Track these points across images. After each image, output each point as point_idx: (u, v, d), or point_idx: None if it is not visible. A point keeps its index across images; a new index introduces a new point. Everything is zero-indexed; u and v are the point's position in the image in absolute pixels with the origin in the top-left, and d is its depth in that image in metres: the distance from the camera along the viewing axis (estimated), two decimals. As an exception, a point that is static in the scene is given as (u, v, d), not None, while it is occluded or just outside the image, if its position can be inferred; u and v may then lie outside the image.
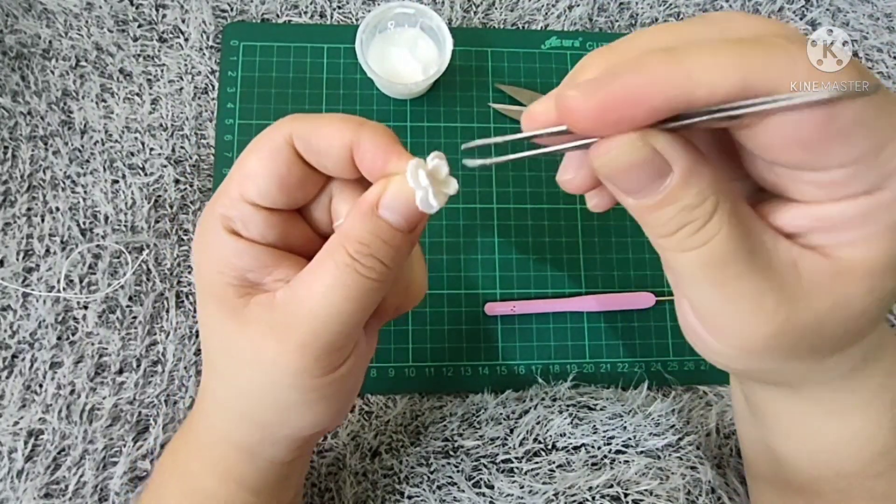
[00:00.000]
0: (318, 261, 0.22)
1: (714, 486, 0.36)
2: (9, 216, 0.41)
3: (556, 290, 0.44)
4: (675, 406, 0.39)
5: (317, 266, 0.22)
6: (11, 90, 0.43)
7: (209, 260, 0.23)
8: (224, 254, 0.23)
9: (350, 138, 0.22)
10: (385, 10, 0.43)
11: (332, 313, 0.21)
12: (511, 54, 0.48)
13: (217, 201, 0.23)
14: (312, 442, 0.29)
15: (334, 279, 0.21)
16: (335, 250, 0.21)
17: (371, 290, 0.22)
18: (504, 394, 0.41)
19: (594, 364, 0.43)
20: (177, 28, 0.46)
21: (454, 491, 0.35)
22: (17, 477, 0.37)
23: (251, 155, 0.23)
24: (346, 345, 0.23)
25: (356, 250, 0.21)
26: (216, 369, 0.25)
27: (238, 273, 0.23)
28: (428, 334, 0.42)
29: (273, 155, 0.22)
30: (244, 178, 0.22)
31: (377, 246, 0.21)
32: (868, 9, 0.52)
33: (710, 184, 0.18)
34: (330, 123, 0.22)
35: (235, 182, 0.23)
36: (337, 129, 0.22)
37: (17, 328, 0.40)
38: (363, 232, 0.21)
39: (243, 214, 0.23)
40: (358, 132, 0.22)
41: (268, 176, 0.22)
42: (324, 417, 0.25)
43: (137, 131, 0.44)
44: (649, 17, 0.50)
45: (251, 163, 0.22)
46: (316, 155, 0.22)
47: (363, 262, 0.21)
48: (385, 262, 0.22)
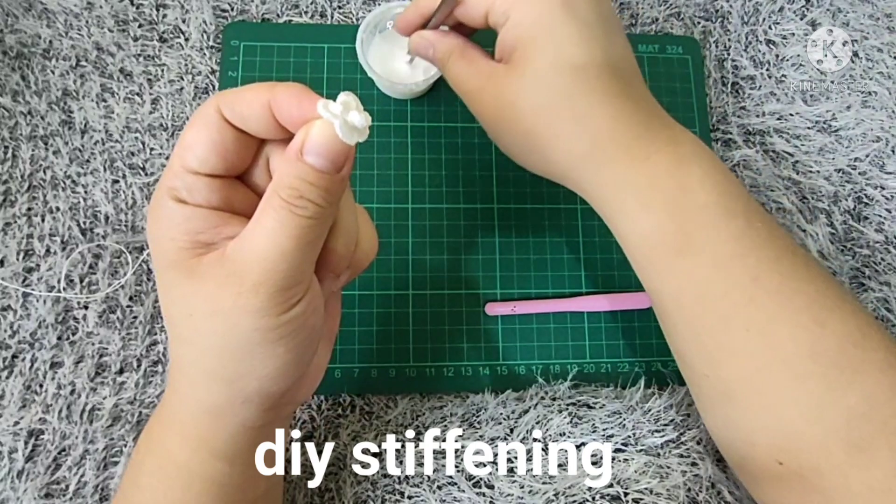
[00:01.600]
0: (258, 211, 0.24)
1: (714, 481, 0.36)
2: (9, 216, 0.41)
3: (557, 290, 0.44)
4: (674, 401, 0.39)
5: (258, 216, 0.24)
6: (11, 90, 0.43)
7: (160, 229, 0.25)
8: (174, 221, 0.24)
9: (266, 97, 0.24)
10: (385, 10, 0.43)
11: (278, 252, 0.23)
12: (511, 54, 0.48)
13: (164, 176, 0.25)
14: (285, 411, 0.30)
15: (274, 222, 0.23)
16: (271, 197, 0.24)
17: (309, 228, 0.24)
18: (504, 394, 0.41)
19: (594, 364, 0.43)
20: (177, 28, 0.46)
21: (454, 491, 0.35)
22: (18, 477, 0.37)
23: (187, 129, 0.25)
24: (298, 282, 0.25)
25: (288, 195, 0.23)
26: (180, 335, 0.26)
27: (190, 236, 0.24)
28: (428, 334, 0.43)
29: (206, 124, 0.24)
30: (183, 149, 0.25)
31: (305, 188, 0.23)
32: (868, 9, 0.52)
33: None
34: (249, 88, 0.24)
35: (177, 155, 0.25)
36: (254, 92, 0.24)
37: (17, 328, 0.40)
38: (291, 177, 0.23)
39: (187, 183, 0.24)
40: (272, 90, 0.24)
41: (203, 143, 0.24)
42: (285, 363, 0.26)
43: (138, 131, 0.44)
44: (649, 17, 0.50)
45: (188, 135, 0.25)
46: (241, 118, 0.24)
47: (296, 204, 0.23)
48: (316, 201, 0.24)
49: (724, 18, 0.51)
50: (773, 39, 0.51)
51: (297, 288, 0.25)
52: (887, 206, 0.47)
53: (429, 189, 0.45)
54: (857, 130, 0.49)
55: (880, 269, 0.46)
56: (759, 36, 0.51)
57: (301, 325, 0.25)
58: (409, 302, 0.43)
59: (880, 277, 0.46)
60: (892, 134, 0.49)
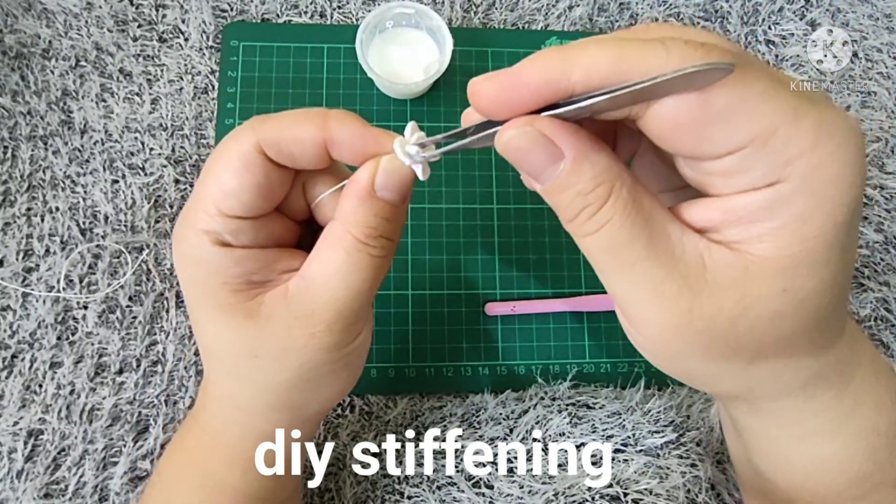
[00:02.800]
0: (326, 248, 0.23)
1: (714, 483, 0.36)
2: (9, 216, 0.41)
3: (556, 290, 0.44)
4: (674, 402, 0.39)
5: (326, 253, 0.23)
6: (11, 90, 0.43)
7: (207, 274, 0.23)
8: (222, 265, 0.23)
9: (320, 136, 0.22)
10: (385, 10, 0.43)
11: (352, 293, 0.23)
12: (511, 54, 0.48)
13: (194, 217, 0.23)
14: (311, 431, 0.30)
15: (348, 264, 0.22)
16: (343, 237, 0.23)
17: (382, 266, 0.23)
18: (504, 394, 0.41)
19: (594, 364, 0.43)
20: (177, 28, 0.46)
21: (454, 491, 0.35)
22: (17, 477, 0.37)
23: (223, 171, 0.22)
24: (364, 316, 0.25)
25: (365, 234, 0.22)
26: (234, 374, 0.25)
27: (243, 278, 0.23)
28: (428, 334, 0.42)
29: (247, 167, 0.22)
30: (221, 194, 0.22)
31: (383, 226, 0.23)
32: (868, 9, 0.52)
33: (605, 170, 0.18)
34: (296, 125, 0.22)
35: (211, 198, 0.23)
36: (304, 130, 0.22)
37: (16, 328, 0.40)
38: (368, 216, 0.22)
39: (230, 228, 0.23)
40: (326, 128, 0.22)
41: (247, 189, 0.22)
42: (346, 384, 0.27)
43: (137, 131, 0.44)
44: (649, 17, 0.50)
45: (225, 178, 0.22)
46: (290, 158, 0.23)
47: (374, 244, 0.23)
48: (391, 237, 0.23)
49: (723, 18, 0.51)
50: (772, 40, 0.51)
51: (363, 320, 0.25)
52: (887, 206, 0.47)
53: (428, 189, 0.45)
54: (856, 130, 0.49)
55: (879, 269, 0.46)
56: (758, 36, 0.51)
57: (362, 349, 0.26)
58: (408, 302, 0.43)
59: (879, 277, 0.46)
60: (892, 134, 0.49)
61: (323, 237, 0.23)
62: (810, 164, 0.17)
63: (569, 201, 0.19)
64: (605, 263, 0.20)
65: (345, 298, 0.23)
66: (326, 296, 0.23)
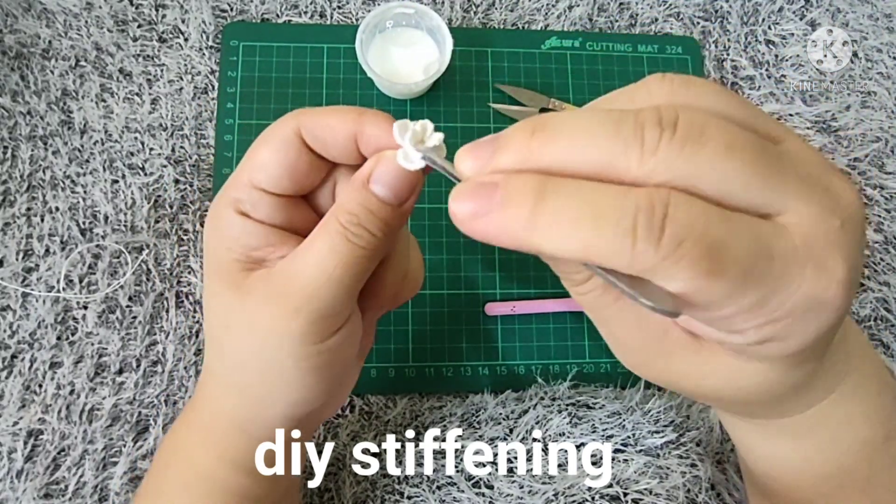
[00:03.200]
0: (313, 234, 0.24)
1: (714, 483, 0.36)
2: (8, 216, 0.41)
3: (556, 290, 0.44)
4: (674, 402, 0.39)
5: (311, 238, 0.24)
6: (11, 90, 0.43)
7: (219, 238, 0.25)
8: (233, 232, 0.24)
9: (353, 129, 0.23)
10: (385, 10, 0.43)
11: (324, 278, 0.23)
12: (511, 54, 0.48)
13: (228, 187, 0.25)
14: (308, 429, 0.29)
15: (326, 246, 0.23)
16: (328, 221, 0.23)
17: (360, 258, 0.23)
18: (504, 394, 0.41)
19: (594, 364, 0.43)
20: (176, 28, 0.46)
21: (454, 491, 0.35)
22: (17, 477, 0.37)
23: (262, 146, 0.24)
24: (339, 312, 0.24)
25: (347, 220, 0.23)
26: (217, 345, 0.26)
27: (244, 250, 0.24)
28: (428, 334, 0.42)
29: (283, 146, 0.24)
30: (255, 166, 0.24)
31: (365, 216, 0.23)
32: (868, 9, 0.52)
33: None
34: (333, 115, 0.24)
35: (246, 170, 0.24)
36: (340, 121, 0.24)
37: (16, 328, 0.40)
38: (353, 203, 0.23)
39: (252, 198, 0.24)
40: (360, 122, 0.23)
41: (278, 165, 0.24)
42: (316, 392, 0.26)
43: (137, 131, 0.44)
44: (649, 17, 0.50)
45: (263, 153, 0.24)
46: (322, 144, 0.24)
47: (353, 231, 0.23)
48: (373, 231, 0.23)
49: (723, 19, 0.51)
50: (772, 40, 0.51)
51: (337, 318, 0.24)
52: (887, 207, 0.47)
53: (428, 189, 0.45)
54: (856, 130, 0.49)
55: (879, 269, 0.46)
56: (758, 36, 0.51)
57: (335, 358, 0.25)
58: (408, 302, 0.43)
59: (879, 277, 0.46)
60: (892, 134, 0.49)
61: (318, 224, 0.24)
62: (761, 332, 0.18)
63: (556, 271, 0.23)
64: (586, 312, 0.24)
65: (317, 281, 0.23)
66: (299, 277, 0.23)
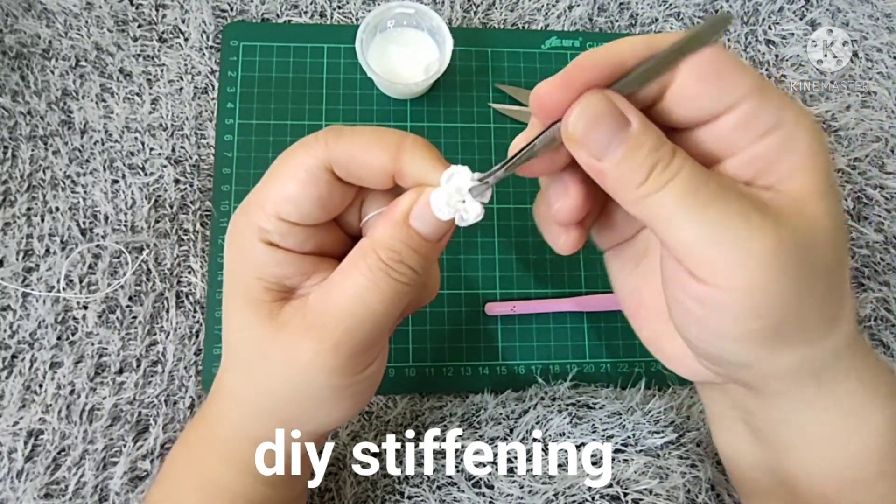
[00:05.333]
0: (350, 264, 0.23)
1: (714, 483, 0.36)
2: (9, 216, 0.41)
3: (556, 290, 0.44)
4: (674, 403, 0.39)
5: (349, 269, 0.23)
6: (11, 90, 0.43)
7: (247, 266, 0.24)
8: (263, 262, 0.24)
9: (390, 166, 0.23)
10: (385, 10, 0.43)
11: (366, 314, 0.22)
12: (511, 54, 0.48)
13: (251, 212, 0.24)
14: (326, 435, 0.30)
15: (368, 281, 0.22)
16: (367, 255, 0.23)
17: (401, 294, 0.23)
18: (504, 394, 0.41)
19: (594, 364, 0.43)
20: (177, 28, 0.46)
21: (454, 491, 0.35)
22: (17, 477, 0.37)
23: (289, 179, 0.23)
24: (376, 345, 0.24)
25: (388, 257, 0.22)
26: (243, 369, 0.25)
27: (277, 280, 0.24)
28: (428, 334, 0.42)
29: (313, 180, 0.23)
30: (282, 199, 0.23)
31: (407, 254, 0.23)
32: (868, 9, 0.52)
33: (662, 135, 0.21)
34: (369, 148, 0.23)
35: (271, 200, 0.23)
36: (376, 157, 0.23)
37: (16, 328, 0.40)
38: (394, 240, 0.23)
39: (281, 230, 0.23)
40: (398, 158, 0.22)
41: (308, 200, 0.23)
42: (347, 414, 0.26)
43: (137, 131, 0.44)
44: (649, 17, 0.50)
45: (289, 186, 0.23)
46: (356, 179, 0.23)
47: (395, 268, 0.22)
48: (414, 268, 0.23)
49: (723, 18, 0.51)
50: (772, 39, 0.51)
51: (375, 350, 0.24)
52: (887, 206, 0.47)
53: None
54: (856, 130, 0.49)
55: (880, 269, 0.46)
56: (758, 36, 0.51)
57: (371, 384, 0.25)
58: (408, 302, 0.43)
59: (880, 277, 0.46)
60: (892, 134, 0.49)
61: (352, 253, 0.24)
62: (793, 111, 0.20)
63: (641, 160, 0.20)
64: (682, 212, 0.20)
65: (357, 316, 0.22)
66: (338, 312, 0.23)
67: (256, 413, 0.26)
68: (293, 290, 0.24)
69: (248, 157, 0.44)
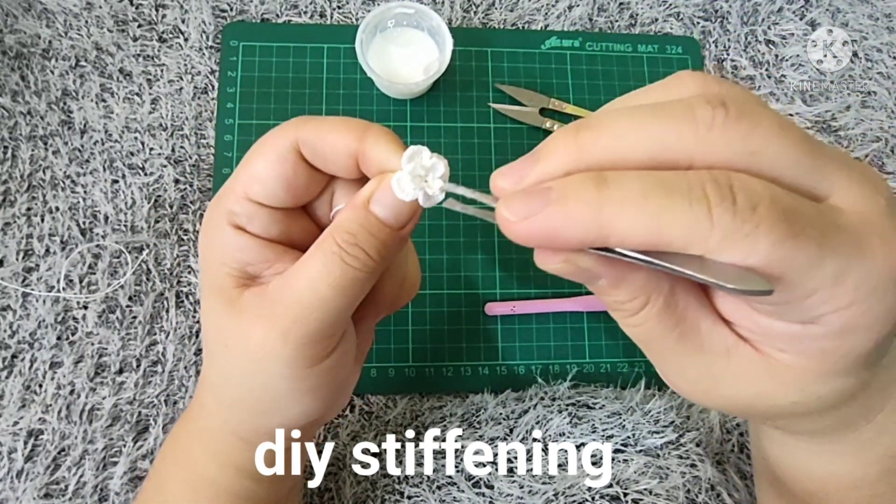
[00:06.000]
0: (309, 252, 0.23)
1: (714, 483, 0.36)
2: (9, 216, 0.41)
3: (556, 290, 0.44)
4: (674, 403, 0.39)
5: (307, 256, 0.23)
6: (11, 90, 0.43)
7: (213, 252, 0.24)
8: (227, 247, 0.24)
9: (354, 147, 0.23)
10: (385, 9, 0.43)
11: (316, 300, 0.22)
12: (511, 54, 0.48)
13: (223, 197, 0.24)
14: (309, 432, 0.30)
15: (320, 266, 0.22)
16: (324, 240, 0.23)
17: (355, 280, 0.22)
18: (504, 394, 0.41)
19: (594, 364, 0.43)
20: (176, 28, 0.46)
21: (454, 491, 0.35)
22: (17, 477, 0.37)
23: (258, 158, 0.23)
24: (331, 335, 0.24)
25: (343, 240, 0.22)
26: (213, 358, 0.26)
27: (239, 265, 0.24)
28: (428, 334, 0.42)
29: (280, 159, 0.23)
30: (251, 179, 0.23)
31: (363, 237, 0.22)
32: (868, 9, 0.52)
33: (642, 286, 0.20)
34: (334, 130, 0.23)
35: (241, 182, 0.23)
36: (341, 138, 0.23)
37: (16, 328, 0.40)
38: (352, 223, 0.22)
39: (248, 211, 0.23)
40: (362, 140, 0.22)
41: (275, 179, 0.23)
42: (312, 409, 0.25)
43: (137, 131, 0.44)
44: (649, 17, 0.50)
45: (258, 165, 0.23)
46: (322, 160, 0.23)
47: (349, 252, 0.22)
48: (370, 253, 0.22)
49: (723, 18, 0.51)
50: (772, 39, 0.51)
51: (329, 340, 0.24)
52: (887, 207, 0.47)
53: (428, 189, 0.45)
54: (856, 130, 0.49)
55: (880, 269, 0.46)
56: (758, 36, 0.51)
57: (330, 378, 0.25)
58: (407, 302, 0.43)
59: (880, 277, 0.46)
60: (892, 134, 0.49)
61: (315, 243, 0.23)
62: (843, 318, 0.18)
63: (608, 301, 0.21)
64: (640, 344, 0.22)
65: (306, 303, 0.22)
66: (290, 298, 0.22)
67: (228, 403, 0.26)
68: (255, 277, 0.24)
69: (248, 157, 0.44)
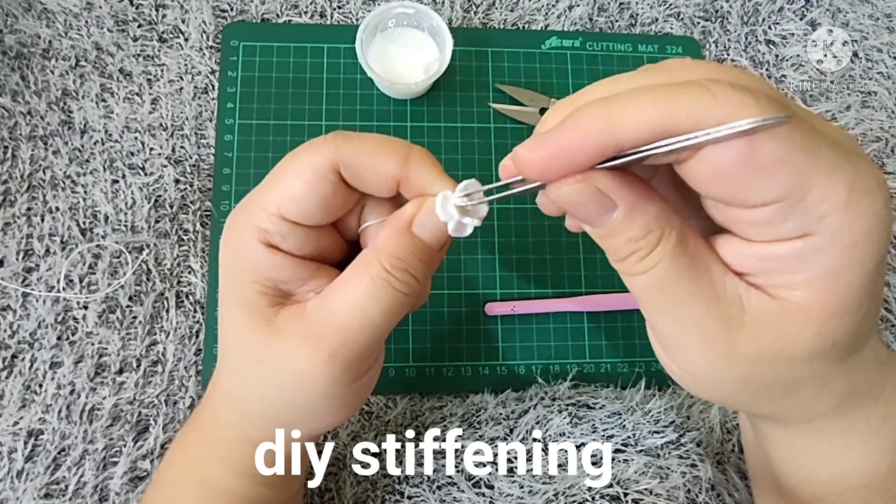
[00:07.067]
0: (351, 272, 0.23)
1: (714, 483, 0.36)
2: (9, 216, 0.41)
3: (556, 290, 0.44)
4: (674, 403, 0.39)
5: (350, 278, 0.23)
6: (11, 90, 0.43)
7: (243, 269, 0.24)
8: (260, 265, 0.23)
9: (398, 173, 0.22)
10: (385, 9, 0.43)
11: (365, 324, 0.22)
12: (511, 54, 0.48)
13: (251, 212, 0.23)
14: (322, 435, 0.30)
15: (368, 291, 0.22)
16: (369, 263, 0.22)
17: (402, 304, 0.23)
18: (504, 394, 0.41)
19: (594, 364, 0.43)
20: (177, 28, 0.46)
21: (454, 491, 0.35)
22: (17, 477, 0.37)
23: (293, 176, 0.23)
24: (373, 355, 0.24)
25: (391, 264, 0.22)
26: (237, 372, 0.25)
27: (272, 283, 0.23)
28: (428, 334, 0.42)
29: (318, 179, 0.22)
30: (285, 197, 0.23)
31: (411, 261, 0.22)
32: (868, 9, 0.52)
33: (656, 217, 0.19)
34: (377, 153, 0.22)
35: (273, 198, 0.23)
36: (384, 163, 0.22)
37: (16, 328, 0.40)
38: (399, 247, 0.22)
39: (281, 230, 0.23)
40: (405, 166, 0.22)
41: (312, 199, 0.23)
42: (340, 419, 0.26)
43: (137, 131, 0.44)
44: (649, 17, 0.50)
45: (294, 184, 0.23)
46: (361, 181, 0.23)
47: (397, 277, 0.22)
48: (417, 276, 0.23)
49: (723, 18, 0.51)
50: (772, 39, 0.51)
51: (371, 359, 0.24)
52: (887, 207, 0.47)
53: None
54: (857, 130, 0.49)
55: (880, 269, 0.46)
56: (758, 36, 0.51)
57: (365, 392, 0.25)
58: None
59: (880, 277, 0.46)
60: (892, 134, 0.49)
61: (354, 262, 0.23)
62: (842, 220, 0.17)
63: (619, 245, 0.20)
64: (650, 301, 0.20)
65: (356, 327, 0.22)
66: (337, 321, 0.22)
67: (250, 415, 0.26)
68: (288, 294, 0.24)
69: (248, 157, 0.44)
